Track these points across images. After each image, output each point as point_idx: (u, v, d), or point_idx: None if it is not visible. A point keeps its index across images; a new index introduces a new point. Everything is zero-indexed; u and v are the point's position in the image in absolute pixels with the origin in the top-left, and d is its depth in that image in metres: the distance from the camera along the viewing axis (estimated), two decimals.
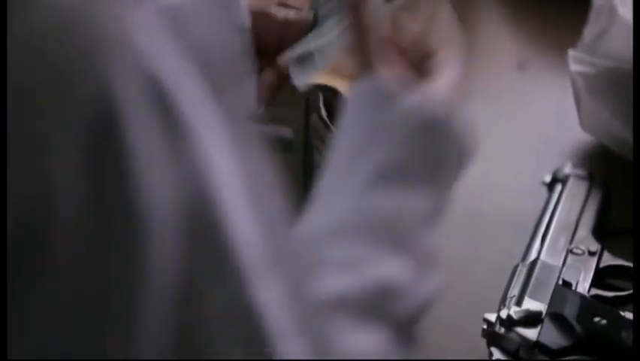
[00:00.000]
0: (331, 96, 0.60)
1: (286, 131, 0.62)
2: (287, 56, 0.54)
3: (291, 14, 0.55)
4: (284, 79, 0.55)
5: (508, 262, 0.59)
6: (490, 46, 0.91)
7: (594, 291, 0.56)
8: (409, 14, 0.48)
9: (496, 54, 0.88)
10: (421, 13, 0.47)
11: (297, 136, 0.62)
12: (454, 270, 0.61)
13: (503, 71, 0.84)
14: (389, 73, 0.44)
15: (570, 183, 0.65)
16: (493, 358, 0.52)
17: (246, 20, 0.50)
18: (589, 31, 0.71)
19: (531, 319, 0.52)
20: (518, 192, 0.68)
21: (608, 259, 0.59)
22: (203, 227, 0.29)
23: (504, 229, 0.64)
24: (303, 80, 0.53)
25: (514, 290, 0.55)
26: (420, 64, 0.45)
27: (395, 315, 0.39)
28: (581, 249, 0.59)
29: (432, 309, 0.57)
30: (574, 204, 0.63)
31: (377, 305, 0.38)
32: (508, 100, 0.80)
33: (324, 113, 0.59)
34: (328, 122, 0.58)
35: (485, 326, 0.53)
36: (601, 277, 0.58)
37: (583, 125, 0.69)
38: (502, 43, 0.91)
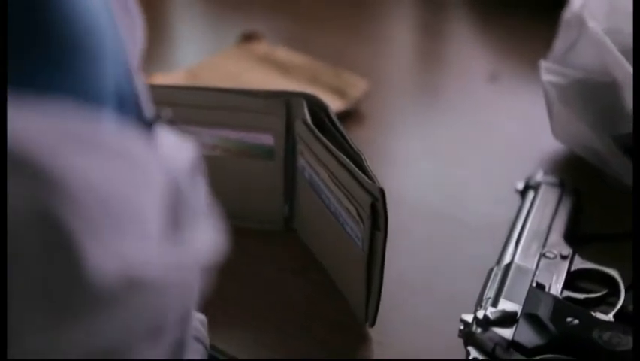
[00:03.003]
0: (313, 103, 0.62)
1: (267, 139, 0.64)
2: None
3: None
4: None
5: (483, 265, 0.60)
6: (462, 58, 0.93)
7: (566, 293, 0.58)
8: None
9: (468, 66, 0.90)
10: None
11: (278, 143, 0.63)
12: (431, 273, 0.63)
13: (475, 82, 0.86)
14: None
15: (542, 190, 0.67)
16: (470, 357, 0.53)
17: None
18: (559, 44, 0.73)
19: (507, 319, 0.53)
20: (492, 198, 0.69)
21: (579, 263, 0.61)
22: None
23: (479, 234, 0.65)
24: None
25: (490, 292, 0.56)
26: None
27: None
28: (553, 253, 0.61)
29: (410, 311, 0.59)
30: (546, 211, 0.65)
31: None
32: (481, 110, 0.82)
33: (308, 118, 0.60)
34: (313, 127, 0.59)
35: (462, 327, 0.54)
36: (572, 280, 0.60)
37: (555, 133, 0.71)
38: (473, 55, 0.93)
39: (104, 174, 0.28)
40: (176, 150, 0.34)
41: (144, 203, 0.30)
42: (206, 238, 0.33)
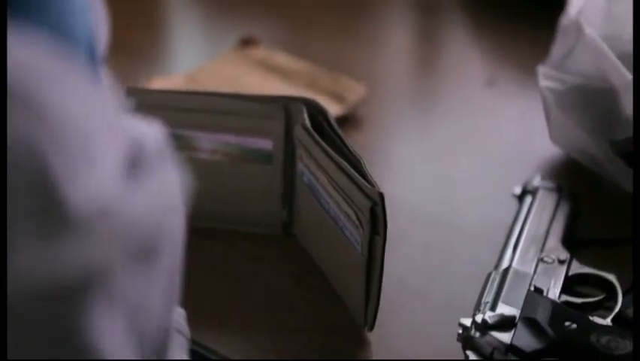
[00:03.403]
0: (312, 107, 0.62)
1: (266, 143, 0.64)
2: None
3: None
4: None
5: (481, 270, 0.60)
6: (460, 63, 0.93)
7: (564, 297, 0.58)
8: None
9: (466, 71, 0.91)
10: None
11: (277, 148, 0.64)
12: (429, 277, 0.63)
13: (473, 87, 0.87)
14: None
15: (540, 194, 0.67)
16: (469, 360, 0.53)
17: None
18: (557, 50, 0.73)
19: (505, 323, 0.54)
20: (490, 203, 0.70)
21: (576, 268, 0.61)
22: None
23: (477, 239, 0.66)
24: None
25: (488, 296, 0.57)
26: None
27: None
28: (551, 258, 0.61)
29: (408, 315, 0.60)
30: (543, 215, 0.65)
31: None
32: (479, 115, 0.82)
33: (308, 123, 0.60)
34: (313, 131, 0.60)
35: (461, 331, 0.55)
36: (570, 285, 0.60)
37: (553, 138, 0.72)
38: (470, 60, 0.93)
39: (81, 112, 0.31)
40: (142, 128, 0.36)
41: (111, 144, 0.32)
42: (167, 180, 0.35)
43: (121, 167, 0.32)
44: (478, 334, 0.54)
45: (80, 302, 0.29)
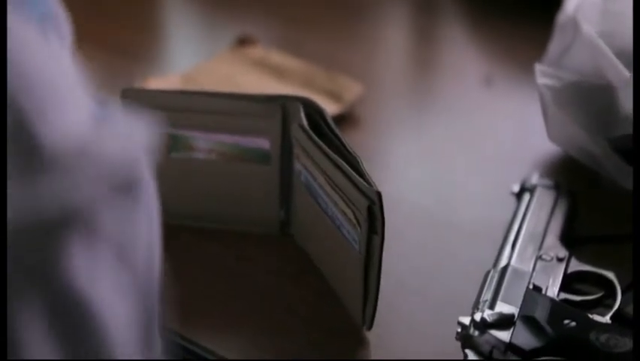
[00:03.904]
0: (309, 106, 0.62)
1: (263, 143, 0.64)
2: None
3: None
4: None
5: (480, 268, 0.60)
6: (457, 61, 0.93)
7: (563, 295, 0.58)
8: None
9: (463, 69, 0.91)
10: None
11: (274, 147, 0.63)
12: (427, 276, 0.63)
13: (470, 85, 0.87)
14: None
15: (538, 192, 0.67)
16: (468, 359, 0.53)
17: None
18: (554, 47, 0.73)
19: (504, 321, 0.54)
20: (488, 201, 0.70)
21: (575, 265, 0.61)
22: None
23: (475, 237, 0.66)
24: None
25: (487, 295, 0.57)
26: None
27: None
28: (549, 255, 0.61)
29: (407, 314, 0.59)
30: (542, 213, 0.65)
31: None
32: (476, 113, 0.82)
33: (305, 122, 0.60)
34: (310, 131, 0.59)
35: (459, 329, 0.55)
36: (569, 282, 0.60)
37: (550, 136, 0.72)
38: (468, 58, 0.93)
39: (51, 68, 0.33)
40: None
41: (81, 98, 0.34)
42: (134, 128, 0.36)
43: (92, 115, 0.33)
44: (477, 332, 0.54)
45: (59, 239, 0.30)
